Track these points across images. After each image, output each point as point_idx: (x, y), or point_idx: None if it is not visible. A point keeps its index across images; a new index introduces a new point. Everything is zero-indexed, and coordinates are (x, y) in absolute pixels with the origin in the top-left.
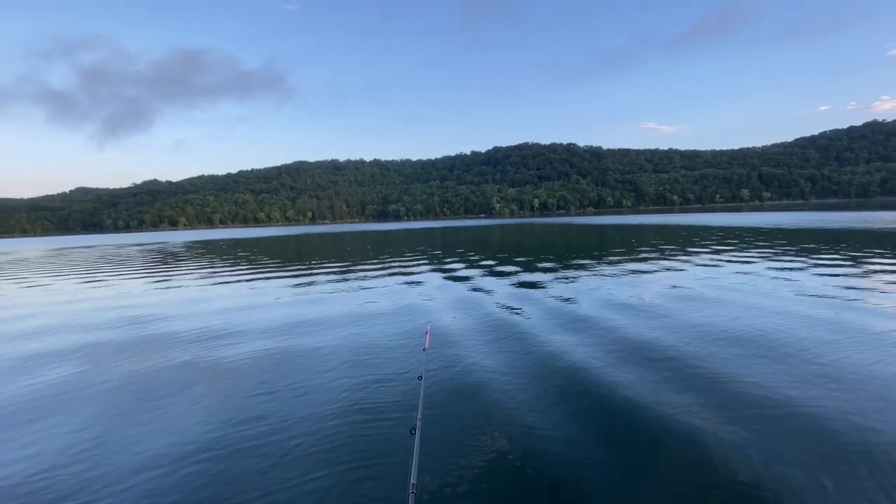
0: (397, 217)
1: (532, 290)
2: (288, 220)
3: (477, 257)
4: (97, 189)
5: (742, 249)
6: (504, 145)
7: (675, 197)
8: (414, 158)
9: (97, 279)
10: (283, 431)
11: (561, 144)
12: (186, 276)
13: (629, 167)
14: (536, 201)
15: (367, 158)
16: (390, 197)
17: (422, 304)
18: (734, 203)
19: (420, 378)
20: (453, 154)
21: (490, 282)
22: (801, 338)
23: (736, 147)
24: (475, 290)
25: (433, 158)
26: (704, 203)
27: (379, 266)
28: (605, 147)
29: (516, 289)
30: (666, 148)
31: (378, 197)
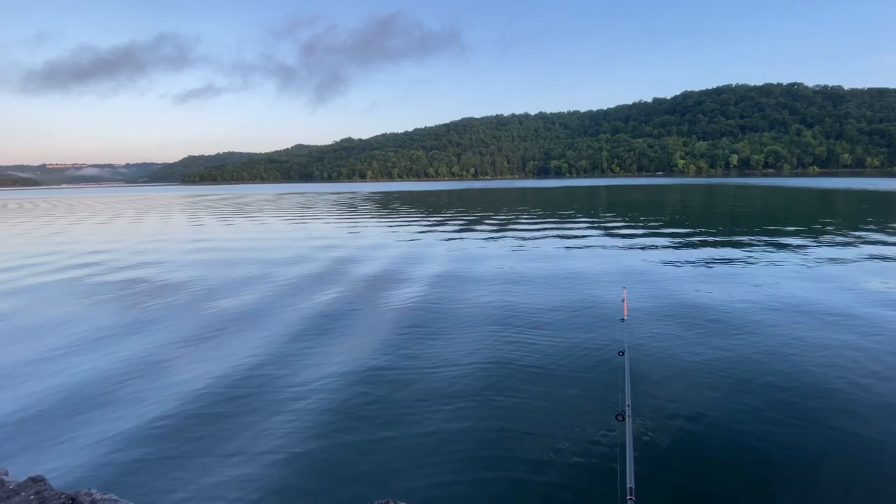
0: (559, 174)
1: (737, 269)
2: (453, 176)
3: (657, 223)
4: (309, 146)
5: None
6: (696, 89)
7: None
8: (583, 109)
9: (302, 220)
10: (472, 385)
11: (778, 85)
12: (373, 222)
13: (883, 113)
14: (735, 157)
15: (532, 112)
16: (553, 152)
17: (604, 269)
18: None
19: (622, 353)
20: (630, 102)
21: (681, 254)
22: None
23: None
24: (662, 260)
25: (604, 109)
26: None
27: (548, 225)
28: (846, 87)
29: (715, 265)
30: None
31: (540, 153)
